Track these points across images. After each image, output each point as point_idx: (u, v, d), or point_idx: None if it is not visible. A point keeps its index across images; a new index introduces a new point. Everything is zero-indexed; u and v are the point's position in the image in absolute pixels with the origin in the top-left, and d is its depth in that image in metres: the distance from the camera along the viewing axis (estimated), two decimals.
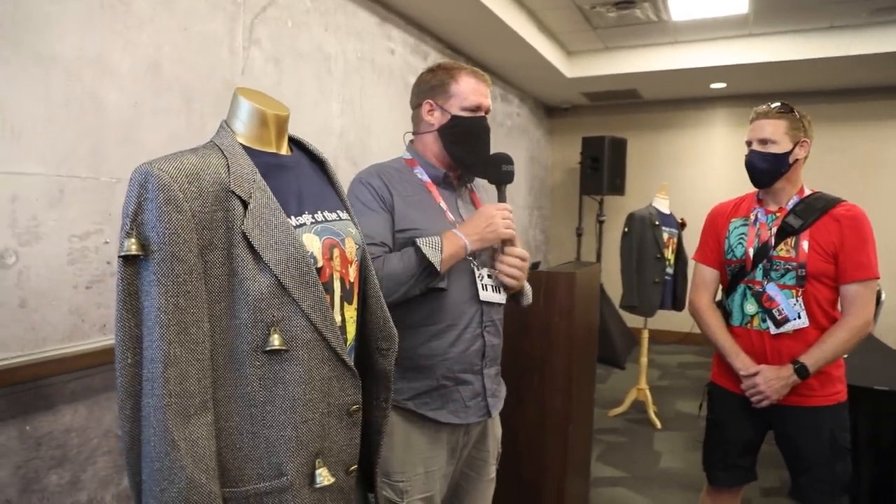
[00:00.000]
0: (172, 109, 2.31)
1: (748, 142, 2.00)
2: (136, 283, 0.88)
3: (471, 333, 1.59)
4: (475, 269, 1.60)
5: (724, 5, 4.38)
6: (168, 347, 0.86)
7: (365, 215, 1.52)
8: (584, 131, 6.56)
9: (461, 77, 1.64)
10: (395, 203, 1.56)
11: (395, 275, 1.44)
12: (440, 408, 1.56)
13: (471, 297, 1.59)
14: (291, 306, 0.95)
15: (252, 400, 0.94)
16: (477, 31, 4.29)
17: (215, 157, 0.96)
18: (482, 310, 1.61)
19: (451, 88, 1.63)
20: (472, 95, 1.63)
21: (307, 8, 3.03)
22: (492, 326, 1.65)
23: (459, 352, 1.57)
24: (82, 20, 1.98)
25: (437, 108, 1.65)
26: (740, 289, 2.00)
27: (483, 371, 1.63)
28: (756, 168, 1.97)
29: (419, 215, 1.57)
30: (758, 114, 1.98)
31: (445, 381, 1.56)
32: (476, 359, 1.61)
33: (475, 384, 1.61)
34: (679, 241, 4.25)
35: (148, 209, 0.87)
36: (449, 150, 1.65)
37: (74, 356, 1.97)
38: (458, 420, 1.58)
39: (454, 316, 1.57)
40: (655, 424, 4.18)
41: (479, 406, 1.62)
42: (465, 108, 1.63)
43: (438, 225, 1.57)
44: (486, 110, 1.66)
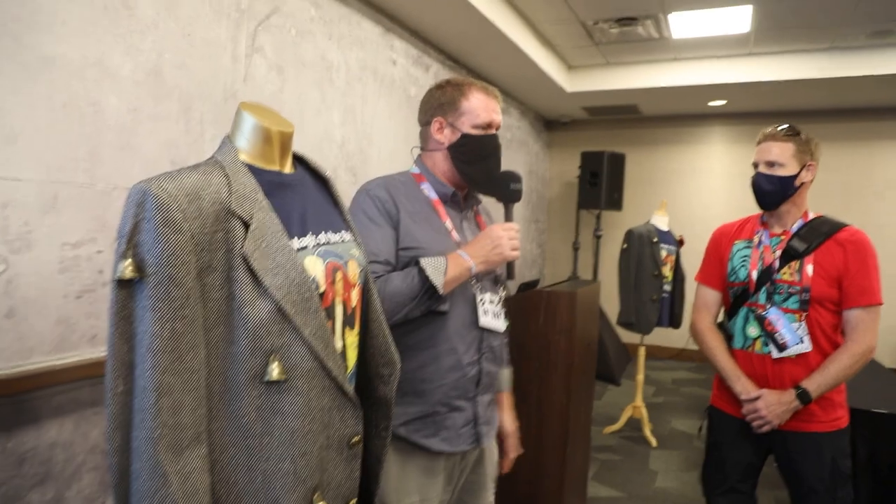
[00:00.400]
0: (171, 116, 2.27)
1: (755, 163, 1.97)
2: (129, 307, 0.83)
3: (469, 359, 1.54)
4: (476, 294, 1.56)
5: (726, 25, 4.39)
6: (161, 376, 0.82)
7: (369, 230, 1.47)
8: (583, 146, 6.56)
9: (471, 93, 1.59)
10: (400, 218, 1.51)
11: (397, 295, 1.40)
12: (432, 435, 1.51)
13: (471, 322, 1.55)
14: (292, 334, 0.91)
15: (249, 431, 0.90)
16: (479, 44, 4.28)
17: (217, 175, 0.92)
18: (482, 336, 1.57)
19: (461, 105, 1.59)
20: (483, 112, 1.58)
21: (311, 16, 3.01)
22: (490, 353, 1.60)
23: (456, 378, 1.52)
24: (85, 23, 1.94)
25: (448, 126, 1.60)
26: (743, 311, 1.98)
27: (477, 398, 1.58)
28: (762, 190, 1.94)
29: (424, 233, 1.53)
30: (765, 136, 1.96)
31: (440, 407, 1.51)
32: (471, 385, 1.56)
33: (468, 411, 1.56)
34: (677, 258, 4.23)
35: (145, 230, 0.83)
36: (459, 169, 1.60)
37: (62, 368, 1.91)
38: (449, 448, 1.52)
39: (454, 340, 1.52)
40: (651, 443, 4.14)
41: (469, 433, 1.57)
42: (476, 126, 1.58)
43: (443, 244, 1.53)
44: (496, 127, 1.62)
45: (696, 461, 3.82)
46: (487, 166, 1.61)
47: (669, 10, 4.13)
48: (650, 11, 4.18)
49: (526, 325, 2.30)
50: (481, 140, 1.59)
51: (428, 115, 1.64)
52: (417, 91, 4.08)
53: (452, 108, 1.59)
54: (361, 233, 1.44)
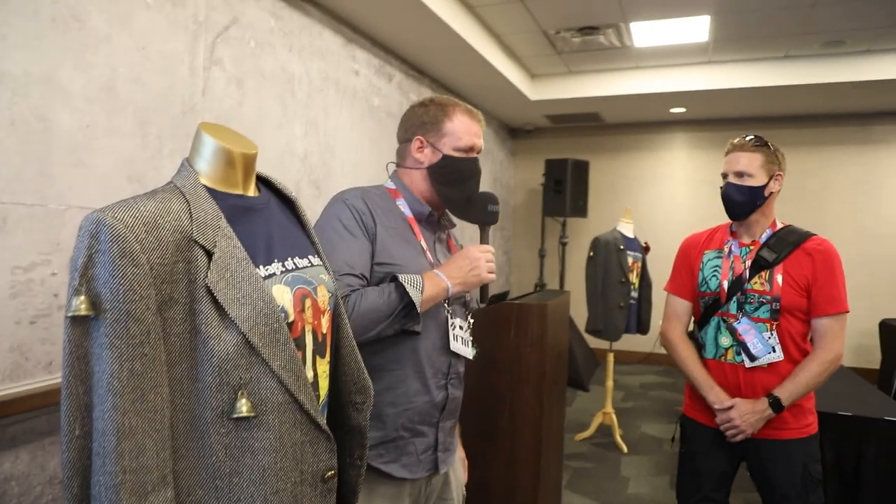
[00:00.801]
0: (127, 132, 2.20)
1: (724, 174, 1.98)
2: (85, 346, 0.78)
3: (435, 384, 1.51)
4: (448, 318, 1.52)
5: (686, 34, 4.47)
6: (122, 418, 0.77)
7: (345, 241, 1.41)
8: (547, 153, 6.60)
9: (455, 115, 1.56)
10: (377, 232, 1.46)
11: (372, 312, 1.34)
12: (393, 461, 1.46)
13: (442, 347, 1.51)
14: (261, 367, 0.86)
15: (217, 471, 0.85)
16: (442, 54, 4.27)
17: (176, 201, 0.87)
18: (450, 361, 1.54)
19: (444, 126, 1.55)
20: (465, 136, 1.55)
21: (271, 28, 2.95)
22: (456, 379, 1.57)
23: (423, 402, 1.48)
24: (30, 36, 1.87)
25: (428, 146, 1.56)
26: (714, 321, 1.99)
27: (439, 424, 1.54)
28: (732, 200, 1.95)
29: (400, 250, 1.48)
30: (734, 146, 1.97)
31: (403, 433, 1.47)
32: (435, 411, 1.52)
33: (429, 437, 1.52)
34: (643, 265, 4.27)
35: (100, 263, 0.77)
36: (437, 190, 1.57)
37: (16, 398, 1.83)
38: (409, 475, 1.48)
39: (423, 364, 1.48)
40: (622, 449, 4.16)
41: (428, 460, 1.52)
42: (457, 149, 1.55)
43: (418, 263, 1.49)
44: (478, 151, 1.59)
45: (667, 466, 3.85)
46: (466, 189, 1.58)
47: (630, 19, 4.18)
48: (612, 20, 4.23)
49: (497, 339, 2.28)
50: (462, 163, 1.56)
51: (409, 133, 1.60)
52: (381, 101, 4.05)
53: (435, 129, 1.56)
54: (336, 243, 1.39)
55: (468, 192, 1.59)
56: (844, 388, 3.14)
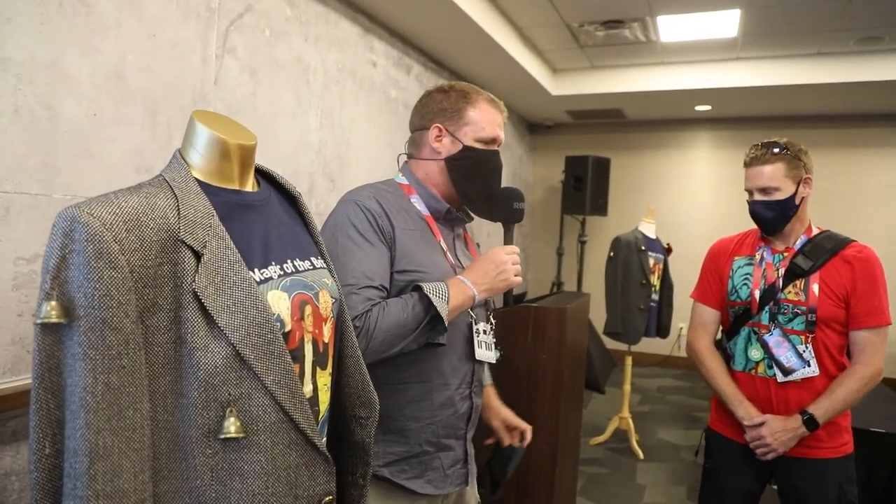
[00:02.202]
0: (136, 121, 2.13)
1: (748, 190, 1.86)
2: (57, 356, 0.70)
3: (460, 395, 1.42)
4: (473, 324, 1.42)
5: (714, 29, 4.33)
6: (96, 437, 0.69)
7: (362, 248, 1.29)
8: (567, 150, 6.47)
9: (479, 103, 1.45)
10: (396, 236, 1.34)
11: (396, 326, 1.23)
12: (417, 476, 1.37)
13: (465, 355, 1.42)
14: (252, 382, 0.78)
15: (202, 496, 0.76)
16: (462, 46, 4.17)
17: (163, 196, 0.78)
18: (474, 368, 1.44)
19: (466, 115, 1.44)
20: (489, 126, 1.44)
21: (286, 16, 2.87)
22: (478, 387, 1.48)
23: (448, 415, 1.39)
24: (36, 21, 1.80)
25: (448, 135, 1.44)
26: (744, 332, 1.88)
27: (466, 436, 1.46)
28: (763, 219, 1.84)
29: (422, 255, 1.37)
30: (753, 159, 1.83)
31: (427, 447, 1.38)
32: (462, 423, 1.44)
33: (457, 450, 1.44)
34: (665, 266, 4.14)
35: (73, 264, 0.70)
36: (456, 184, 1.45)
37: (18, 392, 1.77)
38: (434, 490, 1.40)
39: (447, 375, 1.38)
40: (638, 454, 4.05)
41: (458, 474, 1.44)
42: (479, 140, 1.44)
43: (441, 267, 1.38)
44: (500, 143, 1.49)
45: (685, 475, 3.74)
46: (488, 184, 1.47)
47: (657, 12, 4.05)
48: (637, 14, 4.10)
49: (513, 342, 2.19)
50: (483, 155, 1.44)
51: (426, 120, 1.48)
52: (398, 93, 3.96)
53: (456, 116, 1.44)
54: (351, 251, 1.28)
55: (490, 188, 1.47)
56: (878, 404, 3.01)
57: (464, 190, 1.46)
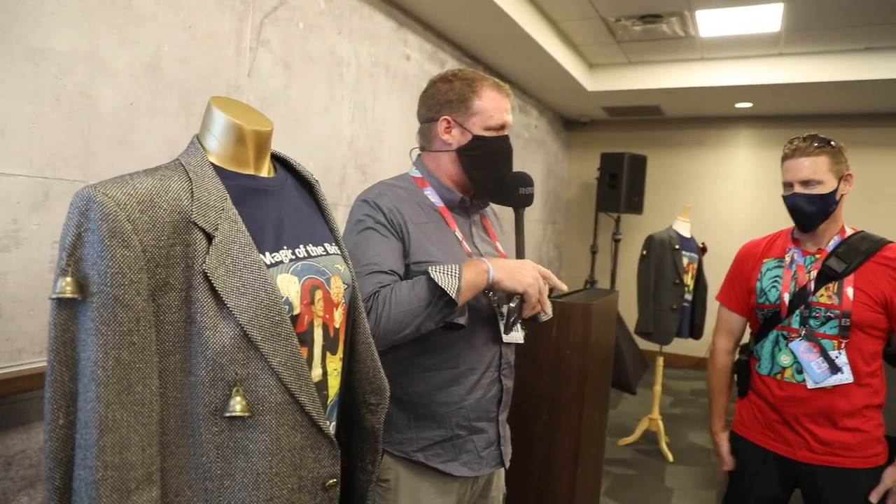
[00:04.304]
0: (171, 111, 2.18)
1: (788, 183, 1.79)
2: (71, 331, 0.73)
3: (489, 378, 1.43)
4: (496, 306, 1.43)
5: (756, 23, 4.22)
6: (105, 410, 0.71)
7: (373, 240, 1.33)
8: (603, 146, 6.40)
9: (483, 91, 1.44)
10: (409, 230, 1.37)
11: (405, 304, 1.23)
12: (452, 459, 1.40)
13: (491, 339, 1.43)
14: (258, 363, 0.79)
15: (208, 472, 0.78)
16: (497, 40, 4.15)
17: (177, 179, 0.80)
18: (501, 351, 1.45)
19: (473, 104, 1.43)
20: (496, 113, 1.44)
21: (320, 10, 2.90)
22: (508, 369, 1.49)
23: (477, 398, 1.41)
24: (77, 13, 1.86)
25: (457, 126, 1.45)
26: (773, 335, 1.82)
27: (498, 418, 1.47)
28: (803, 212, 1.76)
29: (436, 246, 1.39)
30: (794, 151, 1.77)
31: (460, 431, 1.40)
32: (492, 405, 1.45)
33: (489, 432, 1.45)
34: (699, 266, 4.07)
35: (88, 242, 0.72)
36: (469, 174, 1.46)
37: None
38: (470, 472, 1.42)
39: (474, 359, 1.40)
40: (667, 457, 3.99)
41: (492, 455, 1.46)
42: (488, 128, 1.44)
43: (456, 257, 1.39)
44: (508, 127, 1.48)
45: (714, 479, 3.67)
46: (499, 172, 1.47)
47: (696, 6, 3.96)
48: (676, 8, 4.03)
49: (537, 336, 2.17)
50: (494, 143, 1.44)
51: (433, 112, 1.48)
52: None
53: (462, 107, 1.44)
54: (361, 244, 1.31)
55: (501, 174, 1.47)
56: None
57: (477, 179, 1.46)
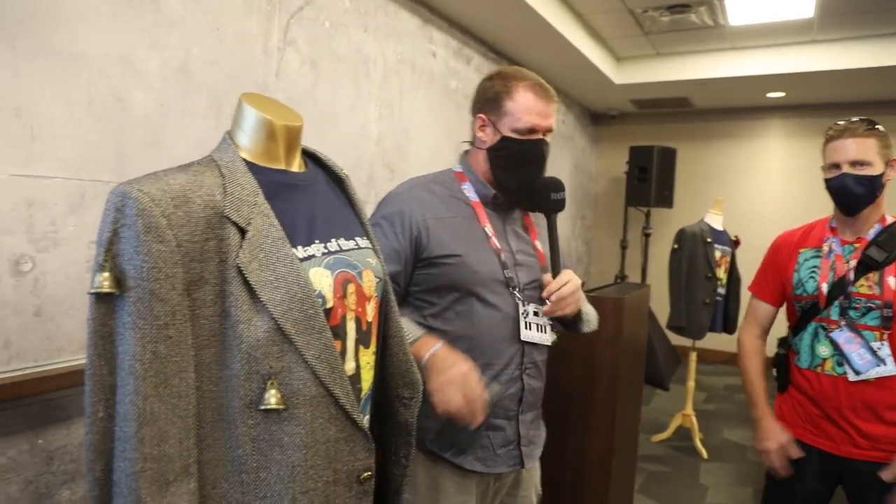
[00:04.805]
0: (201, 112, 2.21)
1: (835, 164, 1.72)
2: (110, 325, 0.74)
3: (508, 376, 1.42)
4: (520, 305, 1.42)
5: (788, 10, 4.12)
6: (143, 403, 0.72)
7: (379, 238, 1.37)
8: (631, 140, 6.32)
9: (517, 92, 1.41)
10: (428, 226, 1.38)
11: None
12: (466, 454, 1.40)
13: (511, 336, 1.42)
14: (293, 356, 0.80)
15: (243, 465, 0.79)
16: (523, 35, 4.13)
17: (210, 175, 0.81)
18: (523, 350, 1.44)
19: (504, 104, 1.42)
20: (526, 115, 1.40)
21: (346, 8, 2.91)
22: (533, 369, 1.47)
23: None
24: (108, 17, 1.89)
25: (490, 125, 1.45)
26: (811, 327, 1.78)
27: (519, 417, 1.45)
28: (851, 193, 1.70)
29: (457, 240, 1.40)
30: (842, 131, 1.71)
31: None
32: (512, 404, 1.43)
33: (507, 431, 1.44)
34: (732, 259, 3.99)
35: (124, 238, 0.73)
36: (495, 174, 1.46)
37: None
38: (484, 468, 1.41)
39: (491, 355, 1.40)
40: (702, 454, 3.93)
41: (510, 455, 1.44)
42: (516, 130, 1.41)
43: (479, 251, 1.40)
44: (544, 131, 1.43)
45: (750, 476, 3.60)
46: (525, 176, 1.44)
47: None
48: None
49: None
50: (520, 145, 1.42)
51: (474, 109, 1.50)
52: (458, 84, 3.96)
53: (496, 106, 1.43)
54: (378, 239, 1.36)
55: (527, 178, 1.45)
56: None
57: (501, 180, 1.46)
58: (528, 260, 1.49)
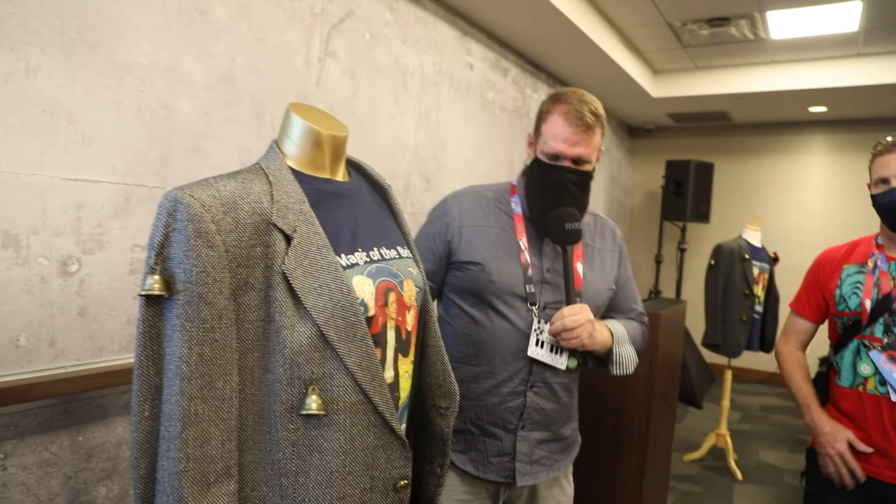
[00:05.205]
0: (243, 120, 2.25)
1: (883, 179, 1.68)
2: (158, 326, 0.76)
3: (510, 388, 1.41)
4: (535, 322, 1.40)
5: (832, 23, 4.04)
6: (188, 404, 0.74)
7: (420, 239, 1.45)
8: (668, 154, 6.26)
9: (552, 115, 1.37)
10: (462, 233, 1.43)
11: None
12: (461, 452, 1.43)
13: (519, 350, 1.40)
14: (334, 362, 0.81)
15: (283, 469, 0.80)
16: (560, 48, 4.12)
17: (258, 182, 0.83)
18: (531, 368, 1.42)
19: (542, 126, 1.42)
20: (551, 140, 1.37)
21: (386, 20, 2.95)
22: (543, 388, 1.44)
23: (493, 403, 1.41)
24: (158, 28, 1.95)
25: (533, 144, 1.47)
26: (853, 345, 1.74)
27: (518, 432, 1.43)
28: None
29: (484, 248, 1.42)
30: (891, 146, 1.68)
31: (472, 427, 1.42)
32: (511, 417, 1.42)
33: (504, 442, 1.42)
34: (771, 277, 3.91)
35: (175, 242, 0.75)
36: (524, 193, 1.49)
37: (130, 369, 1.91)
38: (474, 471, 1.42)
39: (496, 364, 1.41)
40: (736, 475, 3.84)
41: (503, 466, 1.43)
42: (544, 154, 1.40)
43: (505, 262, 1.41)
44: (571, 160, 1.38)
45: (787, 500, 3.51)
46: (544, 201, 1.41)
47: (767, 7, 3.83)
48: (746, 10, 3.91)
49: None
50: (545, 170, 1.40)
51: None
52: (495, 96, 3.97)
53: (537, 126, 1.45)
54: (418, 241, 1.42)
55: (544, 205, 1.42)
56: None
57: (527, 200, 1.47)
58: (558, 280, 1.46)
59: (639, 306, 1.67)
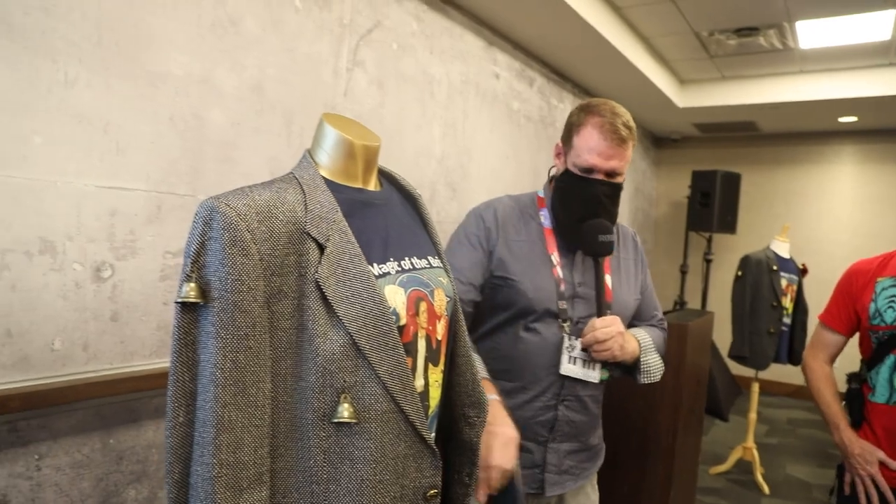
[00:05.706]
0: (273, 130, 2.29)
1: None
2: (193, 333, 0.77)
3: (542, 403, 1.42)
4: (566, 339, 1.40)
5: (863, 32, 3.98)
6: (222, 410, 0.75)
7: (461, 247, 1.42)
8: (694, 164, 6.20)
9: (585, 128, 1.36)
10: (497, 244, 1.42)
11: None
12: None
13: (552, 366, 1.41)
14: (366, 371, 0.81)
15: (314, 476, 0.81)
16: (585, 57, 4.12)
17: (292, 192, 0.84)
18: (563, 383, 1.42)
19: (573, 137, 1.40)
20: (586, 153, 1.36)
21: (413, 31, 2.98)
22: (574, 402, 1.45)
23: (525, 417, 1.40)
24: (192, 39, 1.99)
25: (562, 155, 1.45)
26: (890, 360, 1.70)
27: (549, 444, 1.44)
28: None
29: (518, 263, 1.41)
30: None
31: None
32: (542, 430, 1.43)
33: (535, 455, 1.43)
34: (799, 288, 3.85)
35: (211, 250, 0.76)
36: (553, 205, 1.47)
37: (160, 373, 1.95)
38: None
39: (528, 380, 1.41)
40: (763, 489, 3.77)
41: (533, 478, 1.43)
42: (576, 166, 1.39)
43: (539, 277, 1.40)
44: (605, 173, 1.37)
45: None
46: (577, 213, 1.40)
47: (797, 17, 3.79)
48: (774, 20, 3.87)
49: None
50: (576, 182, 1.39)
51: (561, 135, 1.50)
52: (520, 105, 3.98)
53: (568, 138, 1.42)
54: (452, 250, 1.40)
55: (576, 217, 1.41)
56: None
57: (557, 212, 1.46)
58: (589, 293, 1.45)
59: (659, 312, 1.67)
